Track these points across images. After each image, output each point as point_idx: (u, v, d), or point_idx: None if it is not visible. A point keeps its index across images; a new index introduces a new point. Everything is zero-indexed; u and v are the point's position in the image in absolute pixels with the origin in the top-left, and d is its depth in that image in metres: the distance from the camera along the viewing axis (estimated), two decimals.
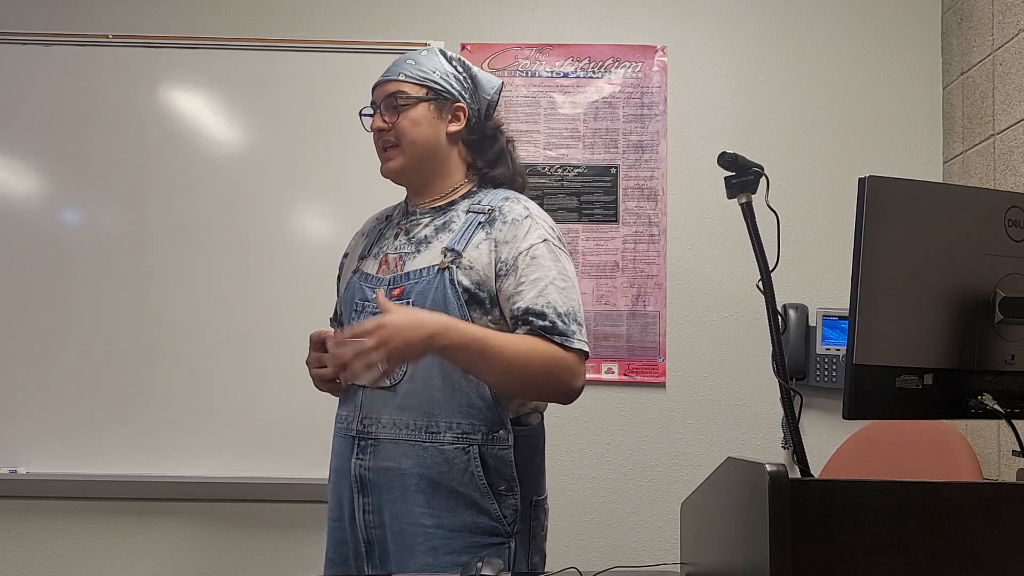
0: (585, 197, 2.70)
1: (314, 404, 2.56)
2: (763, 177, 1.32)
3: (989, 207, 1.17)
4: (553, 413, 2.67)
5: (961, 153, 2.59)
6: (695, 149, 2.72)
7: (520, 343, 1.48)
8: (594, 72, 2.74)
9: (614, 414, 2.66)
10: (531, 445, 1.60)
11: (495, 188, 1.68)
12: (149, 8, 2.74)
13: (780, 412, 2.62)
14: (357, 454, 1.57)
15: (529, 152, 2.70)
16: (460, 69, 1.67)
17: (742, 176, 1.32)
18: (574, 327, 1.52)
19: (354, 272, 1.69)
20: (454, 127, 1.65)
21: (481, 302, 1.54)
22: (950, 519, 1.05)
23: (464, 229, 1.58)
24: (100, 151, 2.66)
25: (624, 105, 2.73)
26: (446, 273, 1.54)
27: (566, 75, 2.73)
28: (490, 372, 1.49)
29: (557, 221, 2.64)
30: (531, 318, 1.49)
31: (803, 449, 1.23)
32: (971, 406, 1.16)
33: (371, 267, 1.66)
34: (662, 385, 2.67)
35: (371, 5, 2.76)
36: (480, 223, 1.58)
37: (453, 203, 1.65)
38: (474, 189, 1.67)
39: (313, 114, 2.68)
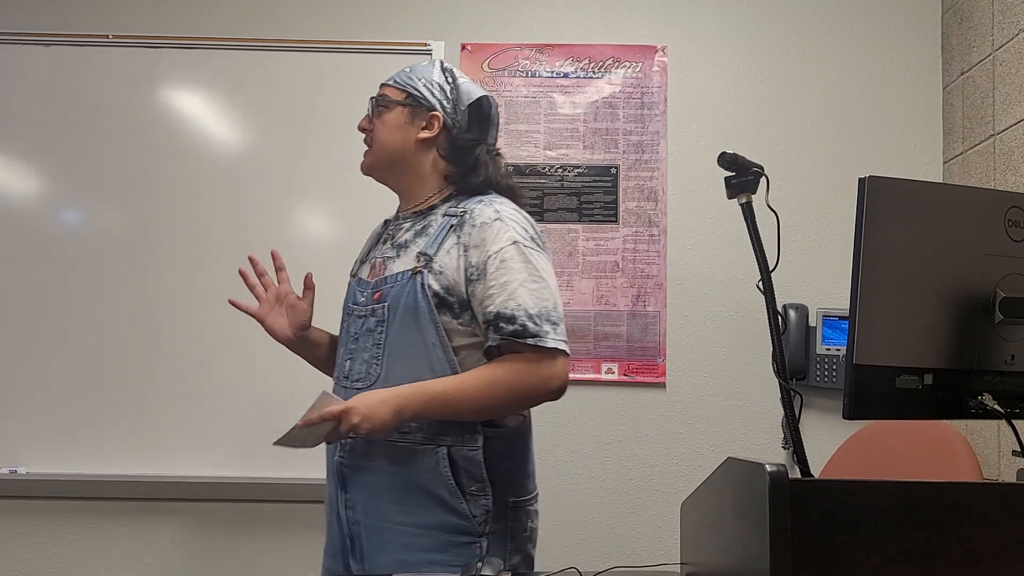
0: (585, 197, 2.70)
1: None
2: (763, 177, 1.32)
3: (989, 207, 1.16)
4: (554, 413, 2.68)
5: (961, 153, 2.59)
6: (695, 149, 2.72)
7: (481, 376, 1.53)
8: (594, 72, 2.74)
9: (614, 414, 2.66)
10: (505, 447, 1.61)
11: (475, 195, 1.69)
12: (149, 8, 2.74)
13: (780, 412, 2.62)
14: (339, 452, 1.63)
15: (529, 152, 2.70)
16: (449, 80, 1.71)
17: (742, 176, 1.32)
18: (547, 327, 1.53)
19: (353, 276, 1.77)
20: (425, 134, 1.68)
21: (450, 306, 1.57)
22: (950, 519, 1.05)
23: (438, 233, 1.62)
24: (100, 151, 2.66)
25: (624, 105, 2.73)
26: (418, 277, 1.58)
27: (566, 75, 2.73)
28: (463, 415, 1.55)
29: (557, 221, 2.68)
30: (501, 323, 1.52)
31: (803, 449, 1.23)
32: (971, 406, 1.16)
33: (364, 271, 1.73)
34: (662, 385, 2.67)
35: (371, 5, 2.76)
36: (452, 226, 1.61)
37: (433, 207, 1.68)
38: (454, 194, 1.69)
39: (313, 114, 2.68)
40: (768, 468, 1.01)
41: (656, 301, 2.68)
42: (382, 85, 1.73)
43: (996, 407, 1.15)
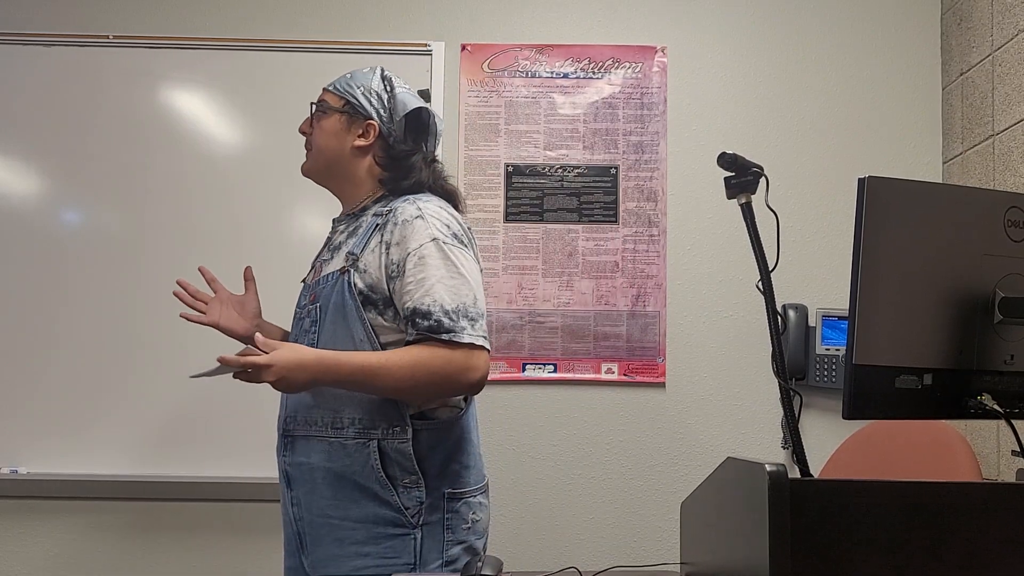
0: (585, 197, 2.70)
1: None
2: (763, 177, 1.32)
3: (989, 207, 1.17)
4: (553, 413, 2.68)
5: (961, 153, 2.60)
6: (695, 149, 2.72)
7: (405, 356, 1.54)
8: (594, 72, 2.74)
9: (614, 414, 2.66)
10: (437, 438, 1.63)
11: (405, 195, 1.72)
12: (149, 8, 2.74)
13: (780, 412, 2.62)
14: (283, 451, 1.71)
15: (529, 152, 2.70)
16: (387, 88, 1.76)
17: (742, 176, 1.32)
18: (464, 323, 1.55)
19: (303, 280, 1.83)
20: (361, 141, 1.73)
21: (375, 303, 1.61)
22: (950, 519, 1.05)
23: (365, 233, 1.67)
24: (100, 151, 2.66)
25: (624, 105, 2.73)
26: (345, 277, 1.63)
27: (566, 75, 2.73)
28: (381, 391, 1.57)
29: (557, 221, 2.68)
30: (417, 319, 1.55)
31: (803, 449, 1.23)
32: (971, 406, 1.16)
33: (310, 275, 1.79)
34: (662, 385, 2.67)
35: (371, 5, 2.76)
36: (377, 225, 1.65)
37: (365, 209, 1.74)
38: (385, 195, 1.74)
39: None
40: (768, 468, 1.01)
41: (656, 301, 2.68)
42: (323, 89, 1.78)
43: (995, 407, 1.15)
